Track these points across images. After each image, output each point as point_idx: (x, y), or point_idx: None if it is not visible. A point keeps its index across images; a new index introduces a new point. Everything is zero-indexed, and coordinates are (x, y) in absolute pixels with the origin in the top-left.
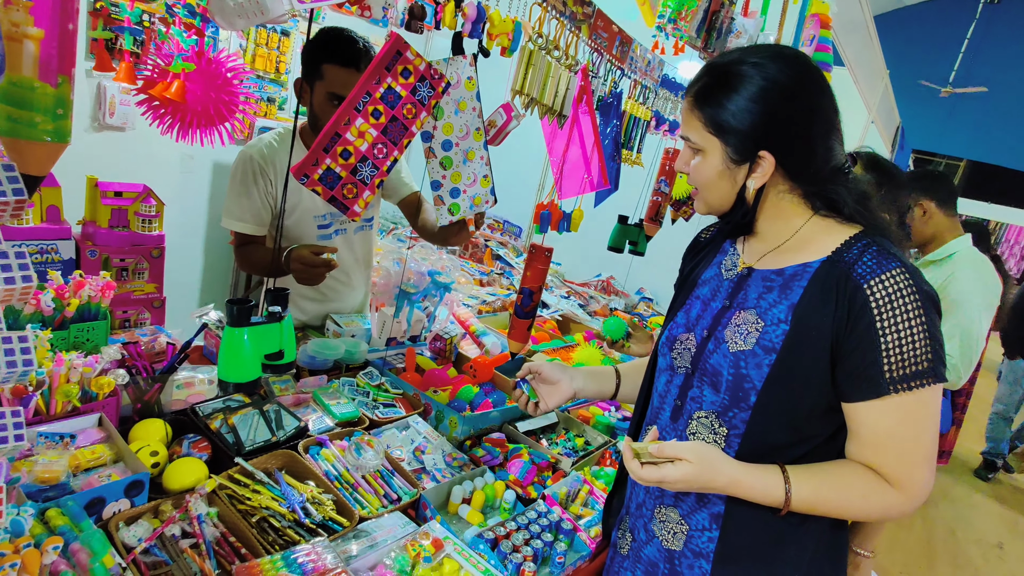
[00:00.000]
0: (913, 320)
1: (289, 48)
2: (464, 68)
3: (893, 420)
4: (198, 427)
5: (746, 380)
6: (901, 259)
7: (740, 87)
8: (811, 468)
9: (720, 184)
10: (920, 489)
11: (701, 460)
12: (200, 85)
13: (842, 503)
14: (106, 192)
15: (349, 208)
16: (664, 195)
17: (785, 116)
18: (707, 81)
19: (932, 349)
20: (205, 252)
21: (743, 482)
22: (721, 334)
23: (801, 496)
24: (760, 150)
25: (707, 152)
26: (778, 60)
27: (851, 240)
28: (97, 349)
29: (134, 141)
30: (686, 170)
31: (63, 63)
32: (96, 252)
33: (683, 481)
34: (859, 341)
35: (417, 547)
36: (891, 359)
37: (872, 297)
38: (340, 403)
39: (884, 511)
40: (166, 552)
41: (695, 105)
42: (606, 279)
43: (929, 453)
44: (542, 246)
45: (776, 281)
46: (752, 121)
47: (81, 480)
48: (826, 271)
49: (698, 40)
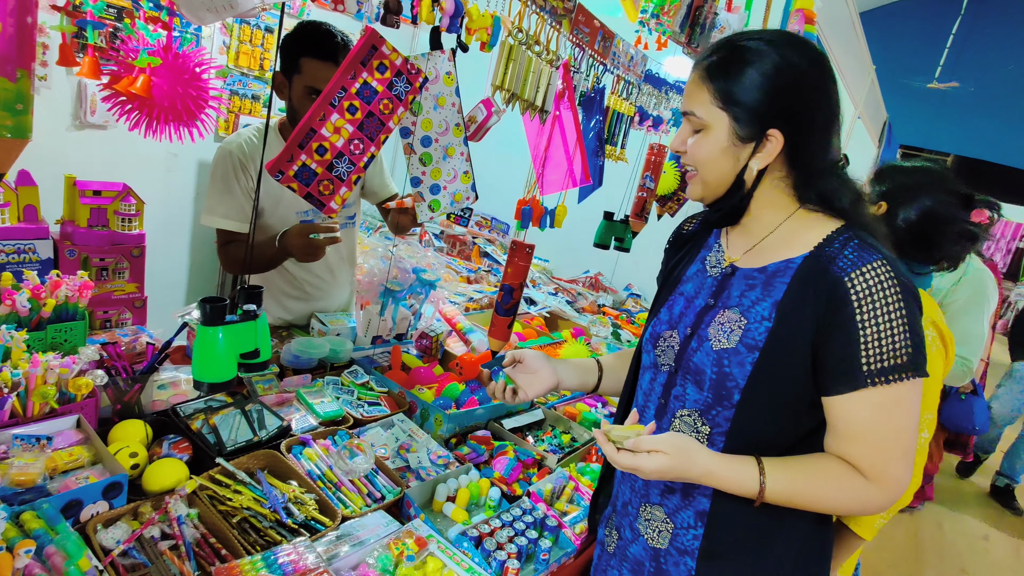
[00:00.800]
0: (893, 313)
1: (273, 45)
2: (443, 63)
3: (870, 413)
4: (179, 428)
5: (729, 379)
6: (882, 251)
7: (756, 62)
8: (787, 460)
9: (722, 162)
10: (896, 484)
11: (676, 450)
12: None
13: (817, 494)
14: (85, 191)
15: (325, 204)
16: (649, 191)
17: (797, 97)
18: (722, 55)
19: (912, 343)
20: (191, 251)
21: (717, 472)
22: (704, 332)
23: (775, 487)
24: (769, 128)
25: (711, 127)
26: (793, 43)
27: (833, 235)
28: (75, 350)
29: (116, 139)
30: (683, 148)
31: (22, 57)
32: (75, 252)
33: (657, 471)
34: (839, 334)
35: (400, 546)
36: (869, 352)
37: (852, 289)
38: (324, 402)
39: (860, 504)
40: (145, 554)
41: (706, 77)
42: (594, 275)
43: (907, 448)
44: (523, 242)
45: (758, 279)
46: (765, 97)
47: (58, 482)
48: (808, 266)
49: (681, 35)
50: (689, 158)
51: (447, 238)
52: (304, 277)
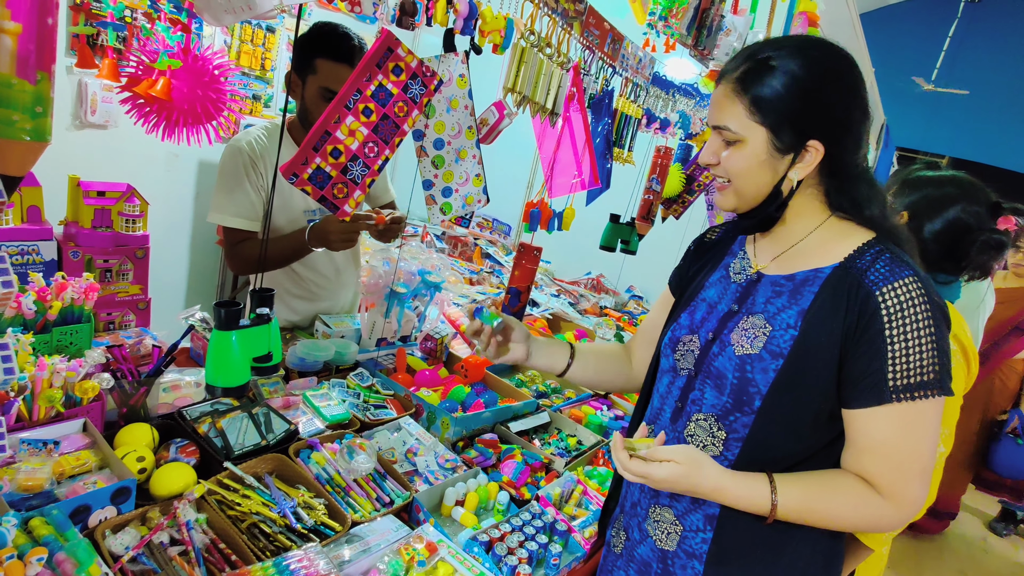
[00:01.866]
0: (922, 330)
1: (275, 45)
2: (456, 65)
3: (892, 429)
4: (185, 431)
5: (751, 384)
6: (914, 268)
7: (790, 72)
8: (800, 476)
9: (760, 175)
10: (912, 503)
11: (689, 462)
12: (186, 82)
13: (831, 513)
14: (89, 192)
15: (339, 208)
16: (656, 193)
17: (834, 103)
18: (751, 66)
19: (940, 362)
20: (191, 252)
21: (729, 488)
22: (727, 337)
23: (788, 505)
24: (809, 139)
25: (747, 141)
26: (821, 47)
27: (864, 246)
28: (81, 353)
29: (117, 139)
30: (715, 160)
31: (42, 59)
32: (79, 253)
33: (667, 481)
34: (867, 347)
35: (411, 551)
36: (896, 367)
37: (883, 304)
38: (330, 405)
39: (874, 523)
40: (154, 560)
41: (739, 90)
42: (596, 277)
43: (925, 466)
44: (531, 245)
45: (786, 286)
46: (803, 107)
47: (65, 488)
48: (838, 277)
49: (688, 37)
50: (723, 171)
51: (449, 239)
52: (310, 277)
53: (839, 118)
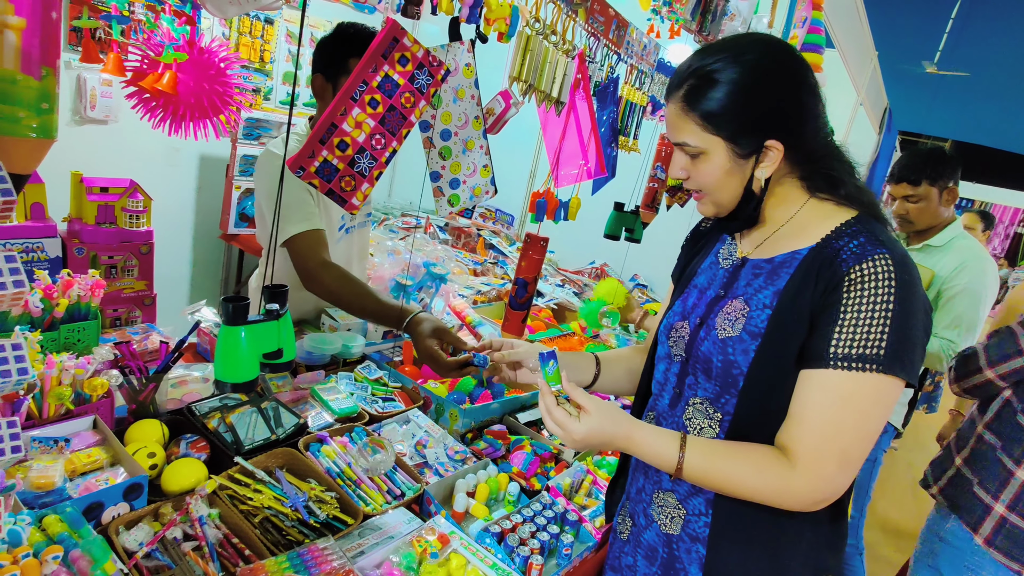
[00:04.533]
0: (879, 304)
1: (273, 37)
2: (462, 55)
3: (822, 396)
4: (195, 427)
5: (734, 366)
6: (889, 247)
7: (729, 80)
8: (716, 441)
9: (729, 182)
10: (824, 480)
11: (602, 414)
12: (192, 76)
13: (733, 473)
14: (92, 188)
15: (347, 201)
16: (660, 181)
17: (780, 97)
18: (693, 83)
19: (891, 340)
20: (193, 246)
21: (638, 441)
22: (712, 322)
23: (692, 462)
24: (767, 139)
25: (708, 153)
26: (753, 45)
27: (842, 227)
28: (89, 350)
29: (117, 134)
30: (683, 175)
31: (46, 54)
32: (83, 250)
33: (582, 432)
34: (825, 318)
35: (423, 543)
36: (842, 335)
37: (848, 278)
38: (339, 398)
39: (778, 490)
40: (168, 556)
41: (687, 108)
42: (600, 266)
43: (847, 447)
44: (538, 235)
45: (765, 268)
46: (752, 110)
47: (78, 485)
48: (813, 256)
49: (692, 23)
50: (693, 183)
51: (452, 230)
52: None
53: (791, 112)
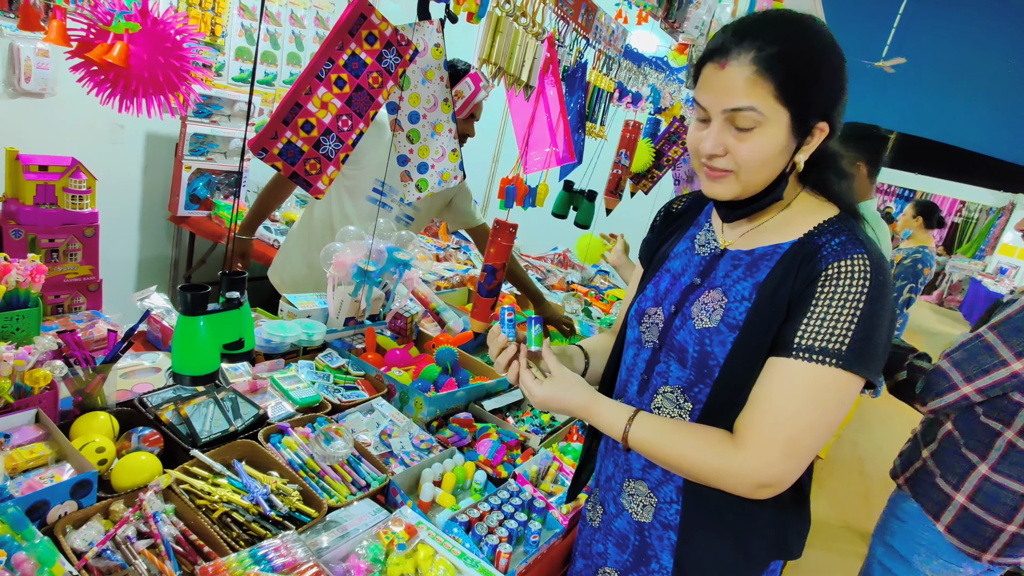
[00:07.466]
0: (849, 301)
1: (224, 9)
2: (431, 34)
3: (779, 383)
4: (147, 419)
5: (711, 357)
6: (868, 247)
7: (811, 49)
8: (669, 419)
9: (777, 161)
10: (767, 465)
11: (562, 381)
12: (146, 48)
13: (675, 447)
14: (29, 166)
15: (312, 185)
16: (624, 168)
17: (842, 80)
18: (774, 47)
19: (855, 337)
20: (141, 229)
21: (592, 410)
22: (688, 310)
23: (638, 434)
24: (821, 120)
25: (766, 125)
26: (815, 22)
27: (824, 224)
28: (29, 339)
29: (56, 108)
30: (719, 151)
31: None
32: (21, 232)
33: (540, 395)
34: (796, 311)
35: (390, 534)
36: (809, 327)
37: (825, 274)
38: (300, 388)
39: (716, 470)
40: (121, 555)
41: (762, 71)
42: (562, 252)
43: (796, 436)
44: (506, 222)
45: (744, 260)
46: (822, 88)
47: (20, 483)
48: (795, 252)
49: (659, 9)
50: (730, 161)
51: None
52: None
53: (840, 98)
